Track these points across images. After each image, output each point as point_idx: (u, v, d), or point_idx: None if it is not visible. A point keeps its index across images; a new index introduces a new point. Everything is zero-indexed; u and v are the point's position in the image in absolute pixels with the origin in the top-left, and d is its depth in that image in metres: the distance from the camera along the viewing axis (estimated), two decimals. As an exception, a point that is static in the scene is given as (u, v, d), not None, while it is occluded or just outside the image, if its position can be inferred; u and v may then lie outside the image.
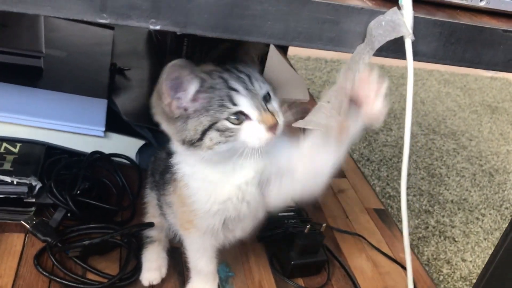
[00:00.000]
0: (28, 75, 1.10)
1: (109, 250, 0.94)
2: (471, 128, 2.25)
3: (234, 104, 0.66)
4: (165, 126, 0.70)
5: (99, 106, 1.08)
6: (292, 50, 2.50)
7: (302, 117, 0.70)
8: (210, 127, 0.66)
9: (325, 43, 0.55)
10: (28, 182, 0.93)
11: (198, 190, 0.75)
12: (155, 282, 0.89)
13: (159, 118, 0.69)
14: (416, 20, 0.55)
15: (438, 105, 2.40)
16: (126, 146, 1.08)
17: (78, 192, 0.97)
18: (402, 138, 2.00)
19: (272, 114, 0.67)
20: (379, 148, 1.91)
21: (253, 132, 0.66)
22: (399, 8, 0.54)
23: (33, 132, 1.01)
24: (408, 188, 1.72)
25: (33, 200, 0.94)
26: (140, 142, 1.09)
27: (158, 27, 0.51)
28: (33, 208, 0.95)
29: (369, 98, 0.60)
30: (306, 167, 0.70)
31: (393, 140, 1.99)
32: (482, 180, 1.87)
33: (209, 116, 0.66)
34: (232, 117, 0.66)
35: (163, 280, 0.90)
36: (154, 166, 0.93)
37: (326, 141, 0.66)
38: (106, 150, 1.06)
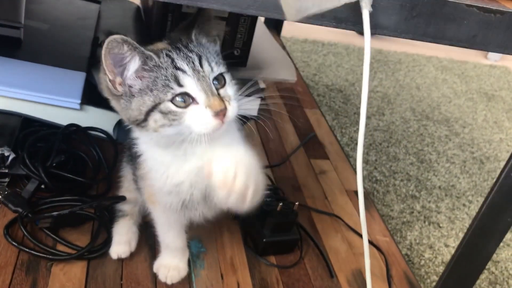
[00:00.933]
0: (6, 46, 1.09)
1: (81, 223, 0.94)
2: (465, 116, 2.23)
3: (180, 85, 0.63)
4: (112, 103, 0.69)
5: (76, 79, 1.07)
6: (289, 32, 2.48)
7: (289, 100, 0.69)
8: (153, 108, 0.64)
9: (281, 12, 0.54)
10: (0, 152, 0.92)
11: (152, 168, 0.74)
12: (123, 256, 0.89)
13: (105, 94, 0.68)
14: (376, -9, 0.54)
15: (433, 92, 2.37)
16: (104, 120, 1.07)
17: (53, 164, 0.97)
18: (393, 123, 2.00)
19: (222, 99, 0.65)
20: (369, 133, 1.90)
21: (199, 117, 0.64)
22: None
23: (8, 103, 1.00)
24: (395, 173, 1.71)
25: (6, 170, 0.94)
26: (118, 116, 1.08)
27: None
28: (6, 179, 0.95)
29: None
30: None
31: (385, 125, 1.98)
32: (472, 167, 1.86)
33: (152, 96, 0.63)
34: (178, 99, 0.63)
35: (133, 254, 0.90)
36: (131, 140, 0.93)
37: None
38: (83, 124, 1.05)
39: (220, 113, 0.64)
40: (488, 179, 1.80)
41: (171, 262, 0.87)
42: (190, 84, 0.64)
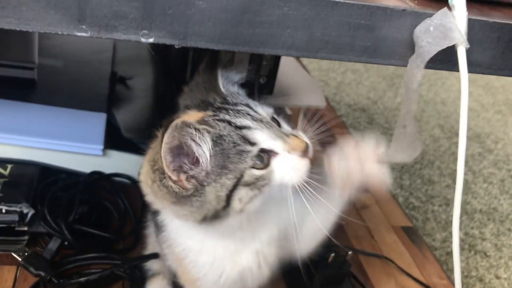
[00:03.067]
0: (19, 88, 1.01)
1: (110, 283, 0.84)
2: (496, 130, 2.13)
3: (252, 144, 0.52)
4: (173, 211, 0.55)
5: (97, 121, 0.98)
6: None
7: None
8: (236, 185, 0.52)
9: (358, 53, 0.44)
10: (18, 209, 0.84)
11: (209, 266, 0.61)
12: (161, 320, 0.79)
13: (162, 203, 0.55)
14: (469, 23, 0.45)
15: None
16: (128, 164, 0.98)
17: (76, 217, 0.88)
18: (423, 142, 1.89)
19: (296, 136, 0.55)
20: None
21: (288, 166, 0.53)
22: (449, 9, 0.44)
23: (25, 152, 0.92)
24: (432, 197, 1.60)
25: (25, 228, 0.85)
26: (142, 159, 0.99)
27: (151, 40, 0.41)
28: (25, 237, 0.86)
29: (368, 174, 0.55)
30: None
31: (415, 145, 1.88)
32: (512, 186, 1.75)
33: (230, 173, 0.51)
34: (256, 161, 0.52)
35: (170, 318, 0.80)
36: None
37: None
38: (106, 170, 0.96)
39: (306, 151, 0.54)
40: (530, 199, 1.70)
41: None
42: (261, 137, 0.53)
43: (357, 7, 0.42)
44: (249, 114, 0.54)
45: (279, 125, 0.57)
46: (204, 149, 0.51)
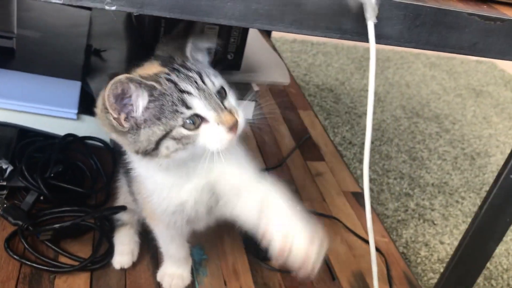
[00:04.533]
0: (-1, 56, 1.08)
1: (82, 233, 0.94)
2: (455, 112, 2.26)
3: (188, 108, 0.62)
4: (115, 137, 0.66)
5: (72, 88, 1.06)
6: (278, 33, 2.48)
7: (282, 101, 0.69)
8: (164, 136, 0.62)
9: (287, 25, 0.54)
10: (-2, 165, 0.92)
11: (154, 192, 0.73)
12: (126, 266, 0.89)
13: (107, 130, 0.65)
14: (380, 2, 0.54)
15: (423, 89, 2.40)
16: (100, 128, 1.06)
17: (51, 175, 0.97)
18: (384, 121, 2.01)
19: (231, 112, 0.64)
20: (361, 132, 1.91)
21: (213, 135, 0.63)
22: (362, -11, 0.53)
23: (4, 114, 0.99)
24: (388, 171, 1.73)
25: (4, 183, 0.93)
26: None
27: (113, 8, 0.49)
28: (4, 192, 0.95)
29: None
30: (251, 216, 0.69)
31: (376, 124, 1.99)
32: (464, 163, 1.88)
33: (161, 125, 0.62)
34: (188, 121, 0.62)
35: (135, 263, 0.90)
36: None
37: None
38: (80, 133, 1.05)
39: (233, 127, 0.63)
40: (479, 175, 1.83)
41: (174, 271, 0.87)
42: (198, 104, 0.62)
43: (285, -14, 0.51)
44: (196, 82, 0.63)
45: (224, 97, 0.66)
46: (142, 101, 0.61)
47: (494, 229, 0.79)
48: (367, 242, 1.08)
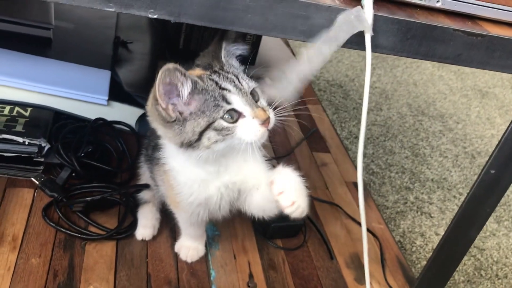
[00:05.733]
0: (38, 45, 1.19)
1: (109, 207, 1.05)
2: (460, 112, 2.34)
3: (228, 103, 0.72)
4: (162, 131, 0.75)
5: (103, 77, 1.17)
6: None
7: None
8: (207, 127, 0.71)
9: (298, 34, 0.64)
10: (38, 143, 1.03)
11: (184, 185, 0.83)
12: (147, 238, 1.00)
13: (156, 123, 0.74)
14: (377, 18, 0.64)
15: (430, 88, 2.48)
16: (127, 114, 1.18)
17: (83, 154, 1.08)
18: (390, 118, 2.11)
19: (263, 109, 0.74)
20: (367, 127, 2.01)
21: (249, 127, 0.72)
22: (362, 7, 0.63)
23: (42, 98, 1.11)
24: (391, 165, 1.82)
25: (42, 159, 1.05)
26: (139, 111, 1.19)
27: (155, 16, 0.60)
28: (41, 167, 1.06)
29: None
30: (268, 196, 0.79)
31: (382, 120, 2.09)
32: (464, 161, 1.97)
33: (205, 117, 0.71)
34: (226, 116, 0.71)
35: (156, 236, 1.01)
36: (148, 140, 1.00)
37: None
38: (109, 118, 1.16)
39: (266, 121, 0.73)
40: (478, 173, 1.92)
41: (191, 244, 0.98)
42: (236, 100, 0.72)
43: (297, 2, 0.61)
44: (233, 82, 0.74)
45: (256, 97, 0.76)
46: (184, 92, 0.71)
47: (475, 218, 0.89)
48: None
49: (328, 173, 1.33)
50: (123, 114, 1.17)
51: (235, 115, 0.72)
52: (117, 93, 1.17)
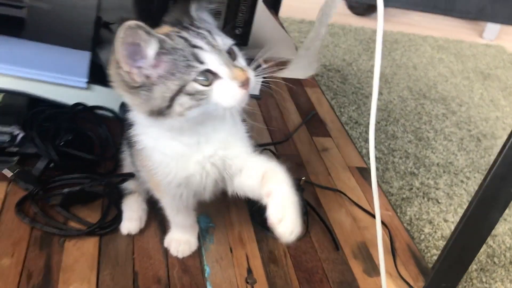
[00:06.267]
0: (10, 25, 1.09)
1: (91, 200, 0.95)
2: (462, 94, 2.25)
3: (201, 62, 0.62)
4: (128, 98, 0.66)
5: (82, 58, 1.07)
6: (285, 12, 2.48)
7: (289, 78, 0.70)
8: (178, 92, 0.62)
9: None
10: (10, 131, 0.93)
11: (160, 163, 0.73)
12: (134, 232, 0.90)
13: (120, 89, 0.65)
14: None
15: (430, 71, 2.39)
16: (109, 98, 1.08)
17: (61, 143, 0.98)
18: (391, 102, 2.01)
19: (242, 69, 0.64)
20: (367, 112, 1.91)
21: (226, 90, 0.63)
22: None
23: (15, 82, 1.01)
24: (394, 150, 1.73)
25: (16, 149, 0.95)
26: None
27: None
28: (15, 158, 0.96)
29: None
30: (254, 187, 0.72)
31: (383, 104, 2.00)
32: (469, 144, 1.88)
33: (176, 80, 0.62)
34: (201, 78, 0.62)
35: (143, 230, 0.92)
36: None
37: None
38: (90, 102, 1.06)
39: (245, 83, 0.63)
40: (485, 156, 1.83)
41: (181, 237, 0.89)
42: (210, 59, 0.63)
43: None
44: (206, 39, 0.64)
45: (233, 56, 0.67)
46: (149, 53, 0.61)
47: (497, 199, 0.80)
48: (371, 214, 1.09)
49: (329, 158, 1.24)
50: (105, 98, 1.07)
51: (210, 77, 0.63)
52: (99, 76, 1.07)
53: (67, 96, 1.04)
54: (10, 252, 0.82)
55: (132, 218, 0.91)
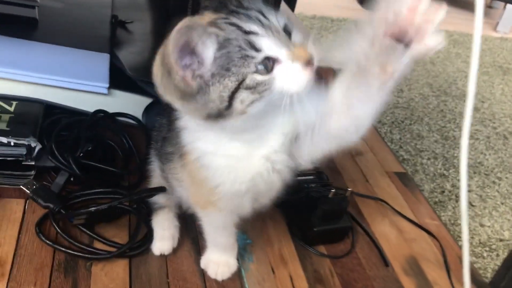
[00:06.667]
0: (21, 27, 1.00)
1: (116, 217, 0.87)
2: (483, 90, 2.18)
3: (258, 50, 0.53)
4: (181, 105, 0.58)
5: (101, 61, 0.98)
6: (297, 9, 2.39)
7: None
8: (237, 88, 0.54)
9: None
10: (26, 143, 0.85)
11: (223, 169, 0.64)
12: (167, 252, 0.82)
13: (171, 97, 0.57)
14: None
15: (448, 66, 2.31)
16: (132, 104, 0.99)
17: (81, 154, 0.89)
18: (413, 99, 1.93)
19: (302, 47, 0.55)
20: (390, 110, 1.83)
21: (289, 75, 0.54)
22: None
23: (29, 89, 0.92)
24: (421, 151, 1.65)
25: (33, 163, 0.86)
26: (146, 100, 1.00)
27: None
28: (32, 172, 0.88)
29: (421, 31, 0.49)
30: (342, 118, 0.58)
31: (404, 102, 1.91)
32: (497, 143, 1.81)
33: (232, 75, 0.54)
34: (260, 67, 0.54)
35: (176, 249, 0.83)
36: (157, 132, 0.82)
37: (364, 85, 0.54)
38: (110, 109, 0.97)
39: (310, 62, 0.55)
40: (513, 156, 1.76)
41: (220, 258, 0.80)
42: (267, 44, 0.54)
43: None
44: (259, 20, 0.54)
45: (290, 36, 0.57)
46: (209, 51, 0.53)
47: None
48: (416, 224, 1.01)
49: (365, 164, 1.15)
50: (127, 104, 0.98)
51: (269, 64, 0.54)
52: (118, 80, 0.98)
53: (86, 102, 0.95)
54: (32, 280, 0.73)
55: (164, 237, 0.82)
